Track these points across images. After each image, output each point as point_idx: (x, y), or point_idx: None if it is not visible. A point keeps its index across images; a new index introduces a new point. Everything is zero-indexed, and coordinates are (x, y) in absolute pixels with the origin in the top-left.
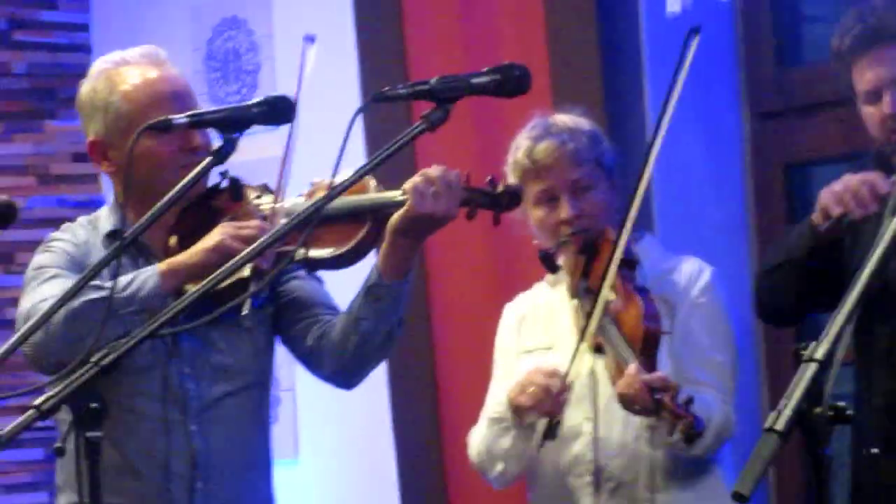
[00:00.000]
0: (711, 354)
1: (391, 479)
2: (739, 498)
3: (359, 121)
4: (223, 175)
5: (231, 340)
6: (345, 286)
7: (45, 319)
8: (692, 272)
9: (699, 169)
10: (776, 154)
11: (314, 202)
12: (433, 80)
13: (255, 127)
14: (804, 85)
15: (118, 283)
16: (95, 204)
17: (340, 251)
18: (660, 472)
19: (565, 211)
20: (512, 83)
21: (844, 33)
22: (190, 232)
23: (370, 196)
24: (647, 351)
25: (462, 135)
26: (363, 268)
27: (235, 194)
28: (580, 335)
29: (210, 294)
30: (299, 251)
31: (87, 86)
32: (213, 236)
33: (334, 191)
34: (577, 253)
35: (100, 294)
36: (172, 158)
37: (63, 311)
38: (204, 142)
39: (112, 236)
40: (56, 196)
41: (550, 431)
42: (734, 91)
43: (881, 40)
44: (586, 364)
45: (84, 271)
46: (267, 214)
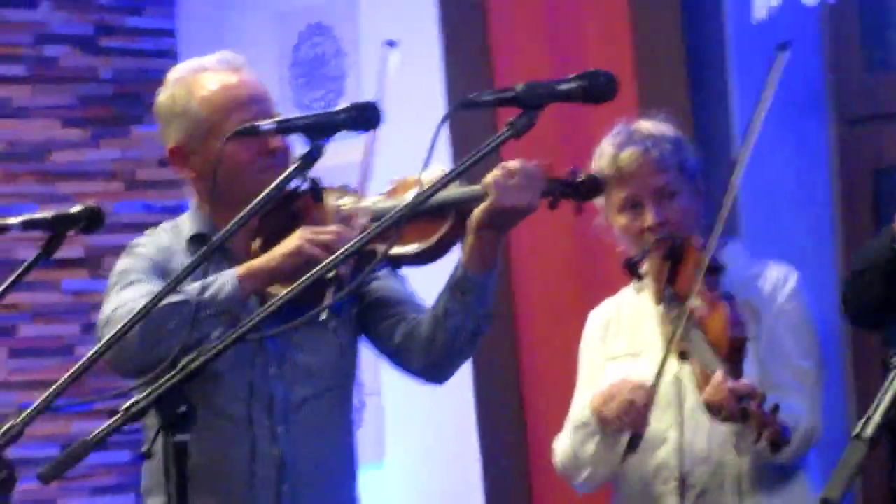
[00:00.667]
0: (797, 360)
1: (476, 484)
2: (828, 503)
3: (444, 131)
4: (304, 177)
5: (315, 341)
6: (427, 283)
7: (130, 326)
8: (778, 278)
9: (786, 174)
10: (863, 160)
11: (398, 210)
12: (519, 87)
13: (342, 133)
14: (892, 90)
15: (196, 287)
16: (181, 209)
17: (424, 247)
18: (745, 479)
19: (650, 218)
20: (598, 90)
21: None
22: (272, 235)
23: (452, 191)
24: (733, 358)
25: (547, 141)
26: (445, 265)
27: (316, 196)
28: (666, 344)
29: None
30: (380, 248)
31: (165, 93)
32: (293, 241)
33: (419, 198)
34: (662, 259)
35: (178, 298)
36: (252, 162)
37: (142, 316)
38: (282, 144)
39: (195, 240)
40: (142, 201)
41: (632, 445)
42: (821, 96)
43: None
44: (671, 371)
45: (166, 276)
46: (347, 215)
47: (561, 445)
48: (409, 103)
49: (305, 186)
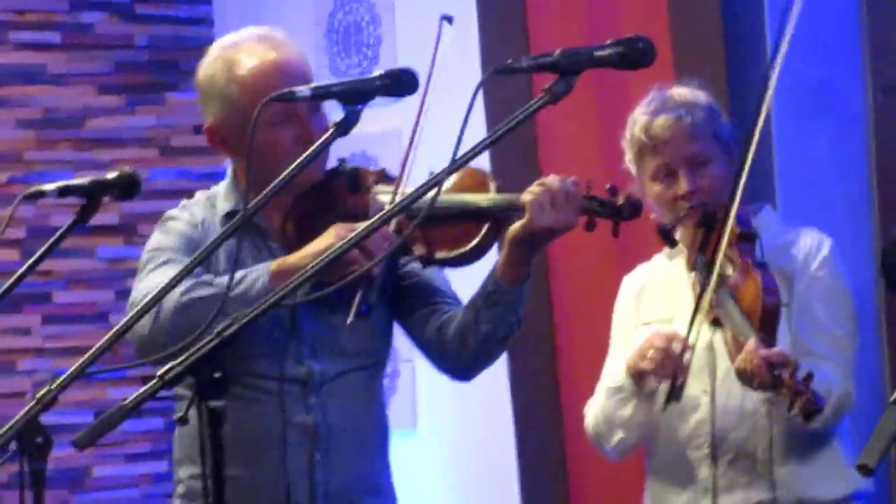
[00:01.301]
0: (830, 327)
1: (510, 451)
2: (865, 470)
3: (479, 97)
4: (341, 162)
5: (353, 326)
6: (459, 281)
7: (152, 307)
8: (811, 245)
9: (822, 142)
10: None
11: (427, 182)
12: (557, 53)
13: (377, 100)
14: None
15: (224, 282)
16: (218, 176)
17: (459, 252)
18: (778, 445)
19: (683, 185)
20: (635, 56)
21: None
22: (306, 216)
23: (491, 196)
24: (766, 326)
25: (583, 108)
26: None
27: (353, 186)
28: (696, 307)
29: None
30: (416, 248)
31: (205, 70)
32: (327, 238)
33: (454, 165)
34: (696, 227)
35: (210, 291)
36: (289, 148)
37: (173, 305)
38: (321, 134)
39: (230, 217)
40: (178, 168)
41: (674, 393)
42: (858, 63)
43: None
44: (704, 337)
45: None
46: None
47: (593, 410)
48: (445, 72)
49: (345, 169)
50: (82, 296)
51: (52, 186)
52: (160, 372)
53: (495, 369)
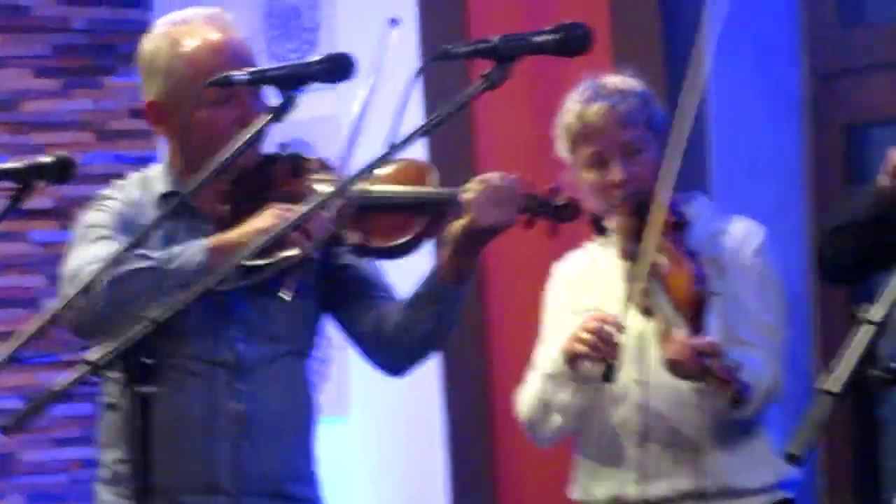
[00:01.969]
0: (761, 316)
1: (439, 439)
2: (792, 458)
3: (417, 85)
4: (283, 147)
5: (284, 309)
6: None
7: (89, 285)
8: (743, 234)
9: (758, 129)
10: (836, 115)
11: (362, 167)
12: (495, 39)
13: (314, 85)
14: (866, 44)
15: (164, 256)
16: (153, 160)
17: (396, 242)
18: (706, 434)
19: (616, 174)
20: (574, 42)
21: None
22: (243, 200)
23: (431, 190)
24: (696, 315)
25: (521, 95)
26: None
27: (295, 171)
28: (627, 296)
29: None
30: (351, 236)
31: (149, 45)
32: (266, 218)
33: (391, 150)
34: (628, 215)
35: (146, 264)
36: (226, 130)
37: (107, 278)
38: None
39: (167, 199)
40: (114, 152)
41: (608, 374)
42: (795, 50)
43: None
44: (635, 326)
45: (134, 233)
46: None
47: (527, 395)
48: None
49: (284, 154)
50: (15, 280)
51: None
52: (90, 357)
53: None
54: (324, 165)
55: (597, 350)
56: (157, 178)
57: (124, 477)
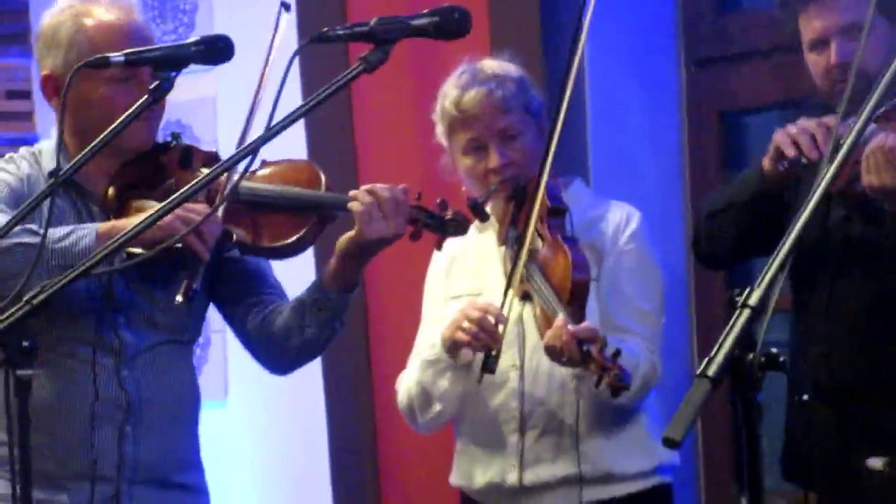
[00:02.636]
0: (638, 303)
1: (320, 423)
2: (670, 443)
3: (295, 67)
4: (174, 137)
5: (164, 297)
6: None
7: None
8: (620, 219)
9: (635, 115)
10: (712, 101)
11: (242, 149)
12: (372, 21)
13: (191, 67)
14: (741, 32)
15: (54, 234)
16: (28, 142)
17: (282, 243)
18: (585, 420)
19: (494, 160)
20: (451, 26)
21: None
22: (130, 185)
23: (321, 193)
24: (576, 301)
25: (399, 78)
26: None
27: (184, 162)
28: (508, 281)
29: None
30: (238, 233)
31: (52, 19)
32: (165, 215)
33: (268, 133)
34: (506, 200)
35: (33, 239)
36: (122, 109)
37: None
38: (160, 106)
39: (55, 175)
40: None
41: (488, 364)
42: (672, 38)
43: None
44: (514, 311)
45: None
46: (214, 190)
47: (406, 383)
48: (261, 41)
49: (175, 143)
50: None
51: None
52: None
53: None
54: (214, 159)
55: (478, 339)
56: (47, 154)
57: (4, 461)
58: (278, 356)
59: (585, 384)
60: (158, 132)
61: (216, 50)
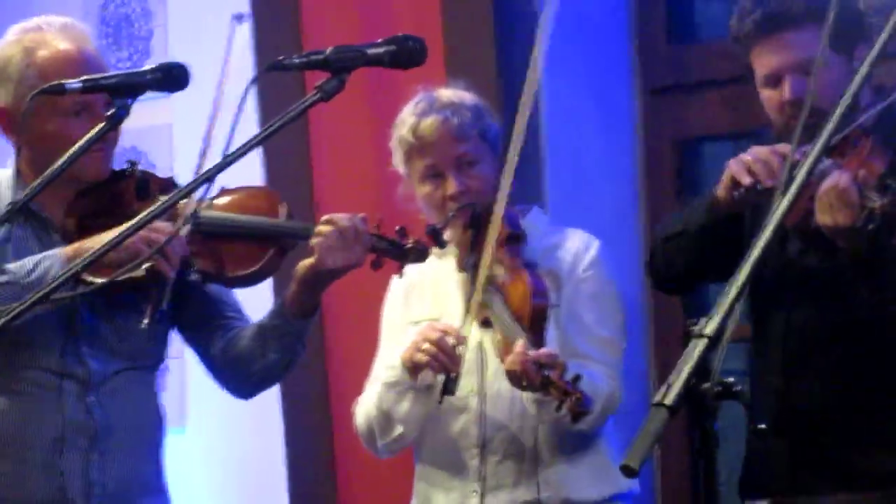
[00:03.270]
0: (597, 330)
1: (278, 450)
2: (628, 471)
3: (252, 95)
4: (131, 165)
5: (127, 323)
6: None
7: None
8: (579, 247)
9: (591, 143)
10: (667, 130)
11: (199, 175)
12: (328, 50)
13: (147, 94)
14: (696, 62)
15: (21, 268)
16: None
17: (243, 272)
18: (545, 446)
19: (451, 187)
20: (407, 55)
21: (744, 17)
22: (88, 215)
23: (281, 222)
24: (535, 327)
25: (355, 107)
26: None
27: (141, 193)
28: (467, 307)
29: (119, 283)
30: (199, 262)
31: (2, 52)
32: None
33: (225, 161)
34: (465, 227)
35: (3, 278)
36: (78, 141)
37: None
38: (115, 134)
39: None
40: None
41: (448, 386)
42: (627, 67)
43: (782, 25)
44: (474, 337)
45: None
46: (174, 216)
47: (365, 406)
48: (217, 68)
49: (131, 170)
50: None
51: None
52: None
53: None
54: (171, 185)
55: (437, 361)
56: (4, 185)
57: None
58: (241, 380)
59: (546, 409)
60: (114, 159)
61: (173, 77)
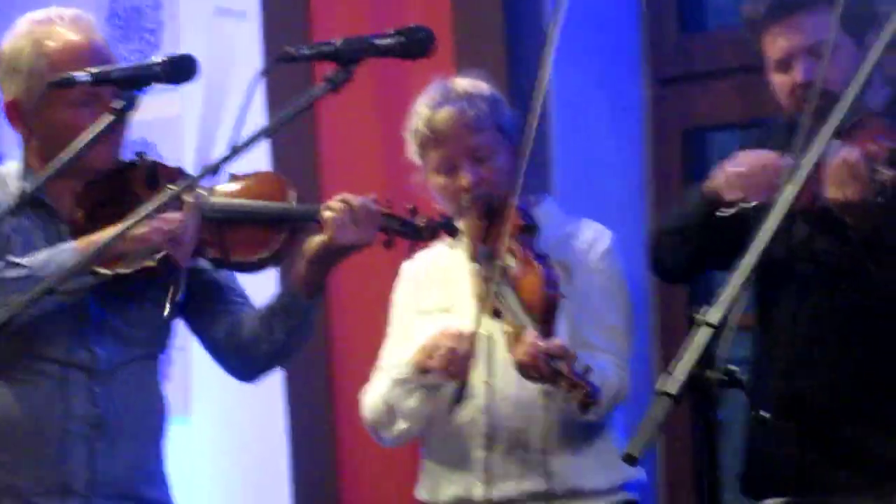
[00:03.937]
0: (608, 319)
1: (282, 438)
2: (630, 460)
3: (260, 86)
4: (140, 155)
5: (136, 312)
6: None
7: None
8: (592, 238)
9: (600, 133)
10: (675, 120)
11: (205, 167)
12: (337, 41)
13: (157, 86)
14: (706, 51)
15: (35, 262)
16: None
17: (257, 257)
18: (552, 436)
19: (465, 179)
20: (416, 46)
21: (757, 1)
22: (97, 205)
23: (291, 206)
24: (546, 318)
25: (363, 97)
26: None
27: (150, 181)
28: (478, 301)
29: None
30: (210, 250)
31: (12, 44)
32: (142, 226)
33: (234, 151)
34: (478, 218)
35: (20, 273)
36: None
37: None
38: (123, 125)
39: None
40: None
41: (458, 395)
42: (636, 56)
43: (794, 9)
44: (484, 328)
45: None
46: (184, 206)
47: (372, 397)
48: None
49: (140, 161)
50: None
51: None
52: None
53: None
54: (180, 174)
55: (449, 370)
56: (13, 177)
57: None
58: (247, 364)
59: (554, 399)
60: (122, 150)
61: (181, 69)
